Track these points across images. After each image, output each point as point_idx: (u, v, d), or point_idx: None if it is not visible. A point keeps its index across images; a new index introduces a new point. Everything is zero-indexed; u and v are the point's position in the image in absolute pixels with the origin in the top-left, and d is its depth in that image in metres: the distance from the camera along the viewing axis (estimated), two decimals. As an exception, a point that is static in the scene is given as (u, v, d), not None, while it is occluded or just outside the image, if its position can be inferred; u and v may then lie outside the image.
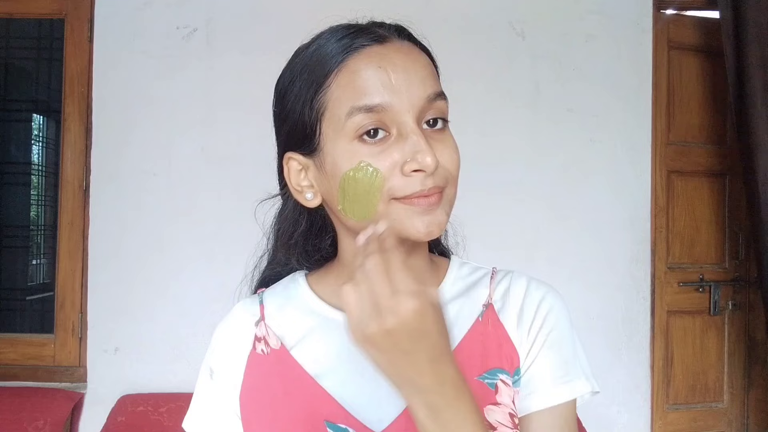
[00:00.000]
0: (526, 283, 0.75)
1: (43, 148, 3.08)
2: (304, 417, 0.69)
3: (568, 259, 2.34)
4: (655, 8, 2.43)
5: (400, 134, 0.64)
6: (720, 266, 2.55)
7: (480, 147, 2.26)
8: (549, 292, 0.75)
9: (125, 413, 2.07)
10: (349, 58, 0.65)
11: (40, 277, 3.09)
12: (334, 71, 0.65)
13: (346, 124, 0.64)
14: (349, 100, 0.64)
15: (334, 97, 0.65)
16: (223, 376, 0.74)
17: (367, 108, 0.63)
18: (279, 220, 0.79)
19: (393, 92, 0.63)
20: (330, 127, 0.66)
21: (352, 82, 0.64)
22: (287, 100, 0.69)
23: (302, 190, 0.71)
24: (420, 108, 0.64)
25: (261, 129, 0.80)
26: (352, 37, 0.66)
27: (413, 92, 0.64)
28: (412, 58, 0.66)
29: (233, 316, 0.78)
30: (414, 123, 0.64)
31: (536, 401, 0.70)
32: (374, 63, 0.64)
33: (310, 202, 0.71)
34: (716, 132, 2.54)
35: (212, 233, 2.23)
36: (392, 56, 0.65)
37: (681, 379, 2.47)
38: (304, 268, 0.79)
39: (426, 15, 2.30)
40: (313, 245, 0.78)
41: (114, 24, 2.28)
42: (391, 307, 0.53)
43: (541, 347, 0.71)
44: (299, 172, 0.70)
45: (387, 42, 0.66)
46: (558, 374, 0.71)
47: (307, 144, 0.68)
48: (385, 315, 0.53)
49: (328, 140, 0.66)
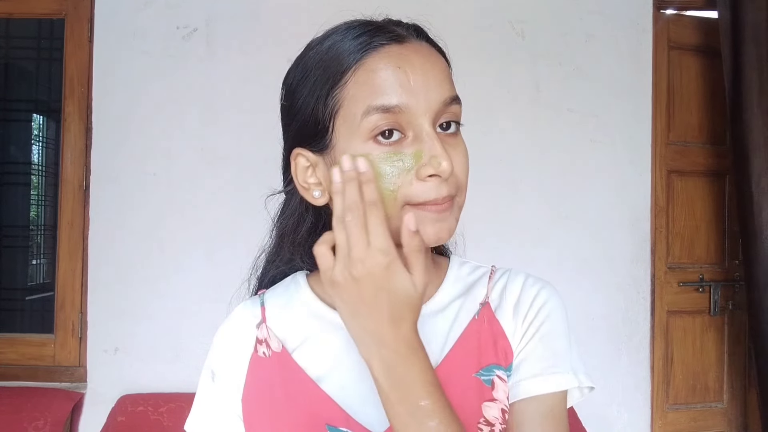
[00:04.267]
0: (523, 279, 0.75)
1: (43, 148, 3.08)
2: (305, 420, 0.68)
3: (568, 259, 2.34)
4: (655, 8, 2.43)
5: (415, 137, 0.63)
6: (720, 266, 2.55)
7: (480, 147, 2.24)
8: (545, 287, 0.75)
9: (125, 413, 2.07)
10: (367, 56, 0.64)
11: (40, 277, 3.09)
12: (352, 68, 0.64)
13: (362, 123, 0.63)
14: (366, 99, 0.63)
15: (351, 95, 0.64)
16: (225, 379, 0.74)
17: (384, 108, 0.62)
18: (283, 216, 0.78)
19: (411, 94, 0.63)
20: (344, 125, 0.65)
21: (370, 81, 0.63)
22: (299, 95, 0.68)
23: (309, 188, 0.70)
24: (436, 111, 0.64)
25: (261, 129, 0.80)
26: (370, 35, 0.65)
27: (431, 95, 0.64)
28: (431, 61, 0.66)
29: (235, 318, 0.77)
30: (430, 126, 0.63)
31: (522, 389, 0.69)
32: (393, 63, 0.63)
33: (317, 200, 0.70)
34: (716, 132, 2.54)
35: (212, 233, 2.23)
36: (411, 57, 0.64)
37: (681, 379, 2.46)
38: (307, 267, 0.79)
39: (426, 15, 2.30)
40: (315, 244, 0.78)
41: (114, 24, 2.28)
42: (361, 258, 0.58)
43: (531, 338, 0.71)
44: (307, 169, 0.69)
45: (406, 42, 0.66)
46: (545, 365, 0.70)
47: (318, 141, 0.67)
48: (354, 263, 0.58)
49: (341, 138, 0.65)
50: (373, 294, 0.58)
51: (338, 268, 0.59)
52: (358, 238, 0.58)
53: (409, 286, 0.59)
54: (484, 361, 0.70)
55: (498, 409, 0.68)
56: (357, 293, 0.59)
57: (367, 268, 0.58)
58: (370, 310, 0.59)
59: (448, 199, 0.64)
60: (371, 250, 0.58)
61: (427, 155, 0.62)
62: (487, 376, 0.69)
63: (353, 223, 0.58)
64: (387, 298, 0.58)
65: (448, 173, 0.62)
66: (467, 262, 0.79)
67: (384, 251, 0.58)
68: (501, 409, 0.69)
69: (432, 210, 0.64)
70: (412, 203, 0.63)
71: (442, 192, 0.63)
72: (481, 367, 0.70)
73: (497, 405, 0.69)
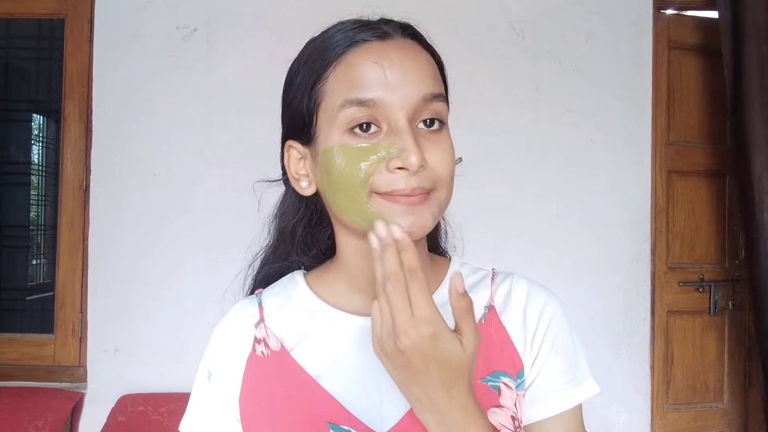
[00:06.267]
0: (527, 286, 0.75)
1: (43, 148, 3.07)
2: (306, 419, 0.68)
3: (568, 259, 2.34)
4: (655, 8, 2.43)
5: (390, 131, 0.64)
6: (720, 266, 2.55)
7: (480, 147, 2.26)
8: (551, 298, 0.75)
9: (125, 413, 2.07)
10: (348, 52, 0.66)
11: (40, 277, 3.08)
12: (333, 63, 0.66)
13: (338, 116, 0.64)
14: (343, 93, 0.64)
15: (331, 89, 0.66)
16: (222, 378, 0.73)
17: (359, 101, 0.63)
18: (280, 207, 0.80)
19: (387, 88, 0.63)
20: (324, 118, 0.66)
21: (348, 75, 0.65)
22: (291, 89, 0.71)
23: (299, 179, 0.72)
24: (414, 107, 0.64)
25: (261, 129, 0.80)
26: (356, 32, 0.67)
27: (408, 90, 0.64)
28: (411, 57, 0.66)
29: (232, 317, 0.77)
30: (405, 121, 0.64)
31: (548, 408, 0.71)
32: (371, 58, 0.65)
33: (304, 190, 0.72)
34: (716, 132, 2.54)
35: (212, 233, 2.23)
36: (391, 53, 0.65)
37: (681, 379, 2.46)
38: (303, 265, 0.79)
39: (426, 15, 2.30)
40: (311, 237, 0.79)
41: (114, 24, 2.28)
42: (406, 329, 0.56)
43: (548, 354, 0.72)
44: (299, 161, 0.72)
45: (389, 39, 0.67)
46: (567, 378, 0.72)
47: (305, 133, 0.69)
48: (399, 335, 0.56)
49: (321, 131, 0.67)
50: (423, 364, 0.57)
51: (384, 338, 0.57)
52: (401, 308, 0.56)
53: (459, 351, 0.57)
54: (491, 367, 0.70)
55: (507, 416, 0.69)
56: (405, 364, 0.57)
57: (413, 339, 0.56)
58: (420, 380, 0.58)
59: (420, 191, 0.64)
60: (415, 321, 0.56)
61: (398, 149, 0.63)
62: (494, 383, 0.70)
63: (394, 292, 0.57)
64: (437, 367, 0.57)
65: (415, 167, 0.62)
66: (467, 263, 0.80)
67: (428, 321, 0.56)
68: (511, 416, 0.69)
69: (401, 201, 0.63)
70: (379, 192, 0.63)
71: (411, 183, 0.63)
72: (488, 373, 0.70)
73: (504, 412, 0.69)
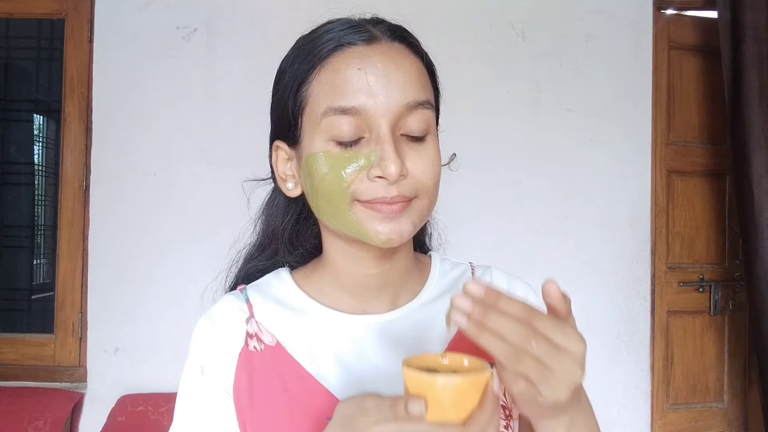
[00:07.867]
0: (506, 279, 0.78)
1: (43, 148, 3.07)
2: (306, 414, 0.68)
3: (568, 259, 2.34)
4: (655, 8, 2.43)
5: (373, 138, 0.64)
6: (720, 266, 2.55)
7: (480, 147, 2.26)
8: (529, 289, 0.77)
9: (125, 413, 2.08)
10: (332, 56, 0.65)
11: (41, 277, 3.08)
12: (318, 67, 0.65)
13: (321, 123, 0.64)
14: (326, 100, 0.64)
15: (314, 94, 0.65)
16: (216, 372, 0.72)
17: (342, 110, 0.63)
18: (268, 206, 0.80)
19: (369, 96, 0.63)
20: (309, 123, 0.66)
21: (331, 81, 0.64)
22: (278, 89, 0.70)
23: (286, 179, 0.72)
24: (397, 114, 0.64)
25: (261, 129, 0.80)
26: (343, 34, 0.66)
27: (391, 97, 0.63)
28: (397, 63, 0.65)
29: (220, 312, 0.75)
30: (387, 128, 0.63)
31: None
32: (355, 64, 0.64)
33: (291, 191, 0.72)
34: (716, 132, 2.54)
35: (212, 233, 2.23)
36: (375, 59, 0.64)
37: (681, 379, 2.46)
38: (288, 264, 0.79)
39: (426, 15, 2.30)
40: (298, 236, 0.79)
41: (114, 24, 2.28)
42: (579, 360, 0.54)
43: None
44: (286, 162, 0.72)
45: (375, 43, 0.65)
46: None
47: (291, 135, 0.69)
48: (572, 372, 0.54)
49: (305, 135, 0.67)
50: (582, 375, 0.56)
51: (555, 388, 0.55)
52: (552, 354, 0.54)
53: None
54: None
55: None
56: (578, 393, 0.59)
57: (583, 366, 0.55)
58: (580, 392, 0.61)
59: (400, 199, 0.64)
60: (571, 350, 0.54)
61: (378, 157, 0.63)
62: None
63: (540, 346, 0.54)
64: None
65: (394, 177, 0.62)
66: (447, 259, 0.81)
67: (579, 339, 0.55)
68: (500, 405, 0.69)
69: (381, 209, 0.64)
70: (360, 200, 0.64)
71: (391, 192, 0.63)
72: None
73: None
